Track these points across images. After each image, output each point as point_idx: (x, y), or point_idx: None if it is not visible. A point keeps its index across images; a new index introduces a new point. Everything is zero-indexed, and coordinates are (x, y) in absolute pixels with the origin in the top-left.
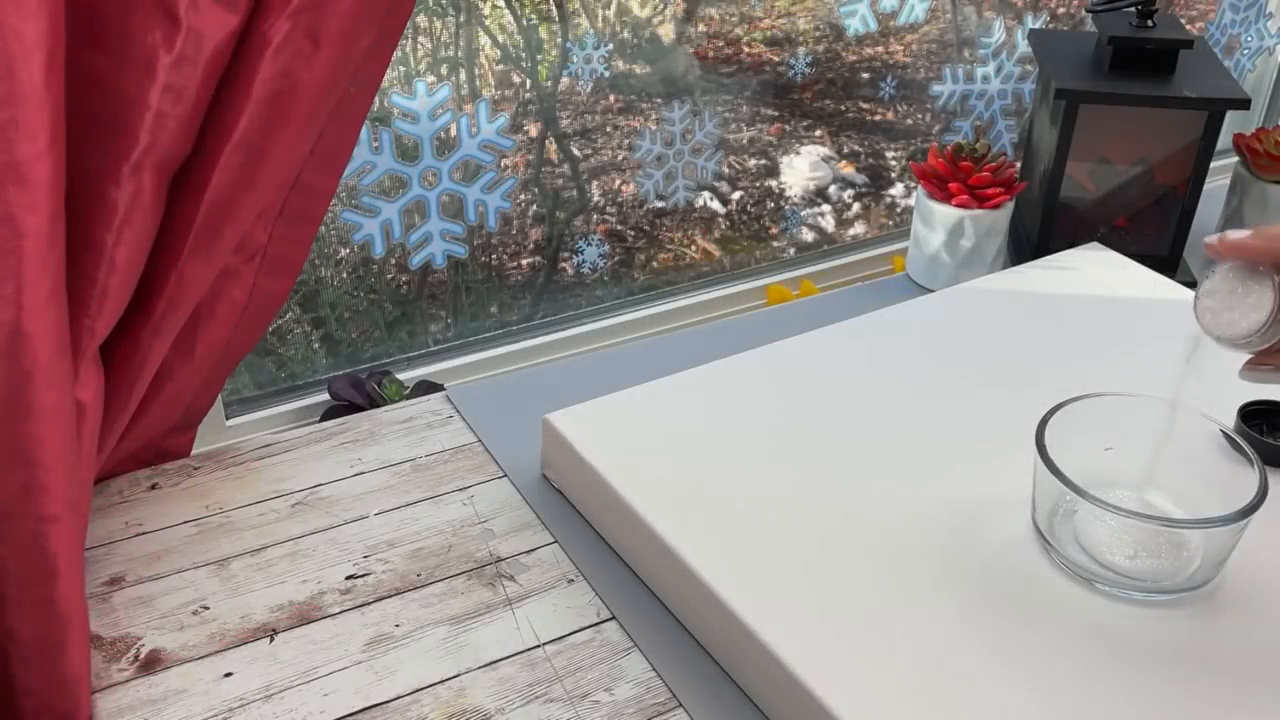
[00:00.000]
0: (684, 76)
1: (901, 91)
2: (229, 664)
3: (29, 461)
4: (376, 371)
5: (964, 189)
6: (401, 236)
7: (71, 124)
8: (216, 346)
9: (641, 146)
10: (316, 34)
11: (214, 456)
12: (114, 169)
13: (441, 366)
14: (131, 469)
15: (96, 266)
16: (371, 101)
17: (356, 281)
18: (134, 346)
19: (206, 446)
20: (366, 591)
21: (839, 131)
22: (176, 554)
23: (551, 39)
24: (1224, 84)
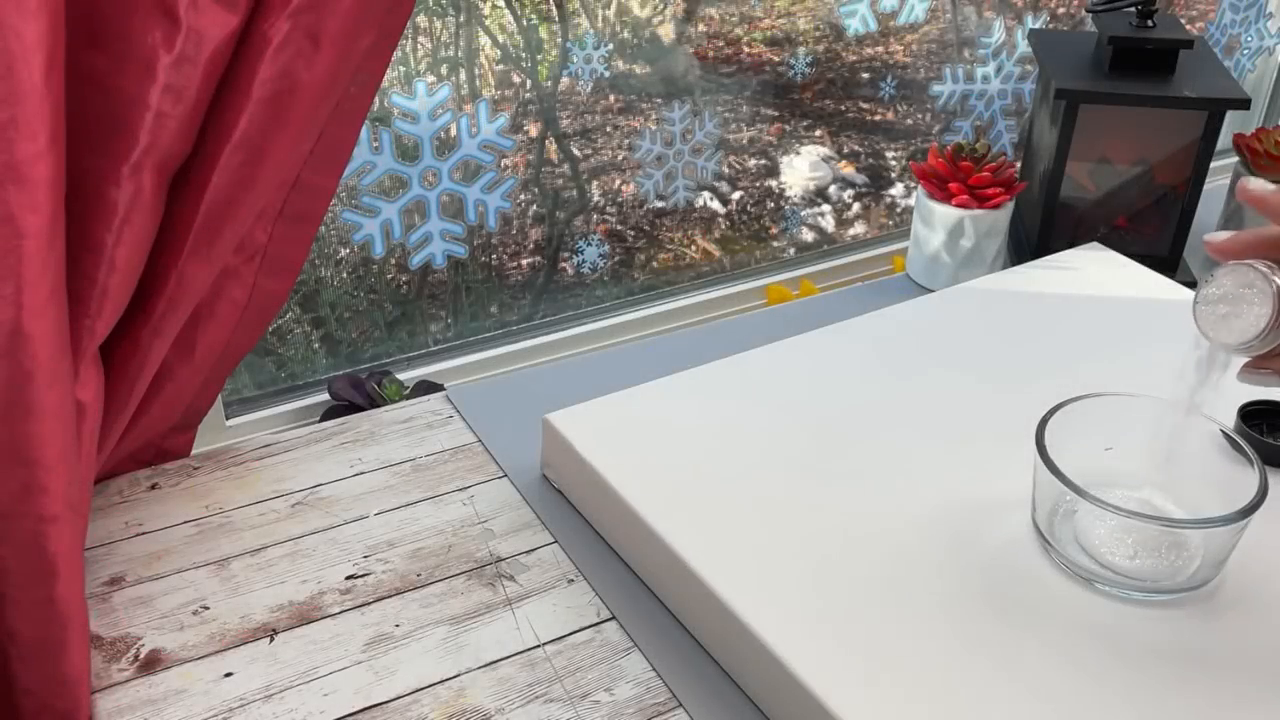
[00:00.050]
0: (684, 76)
1: (901, 91)
2: (229, 664)
3: (29, 461)
4: (376, 371)
5: (964, 189)
6: (401, 236)
7: (71, 124)
8: (216, 346)
9: (641, 146)
10: (316, 34)
11: (214, 456)
12: (114, 169)
13: (441, 366)
14: (131, 469)
15: (96, 266)
16: (371, 101)
17: (356, 281)
18: (134, 346)
19: (206, 446)
20: (366, 591)
21: (839, 131)
22: (176, 554)
23: (551, 39)
24: (1224, 84)
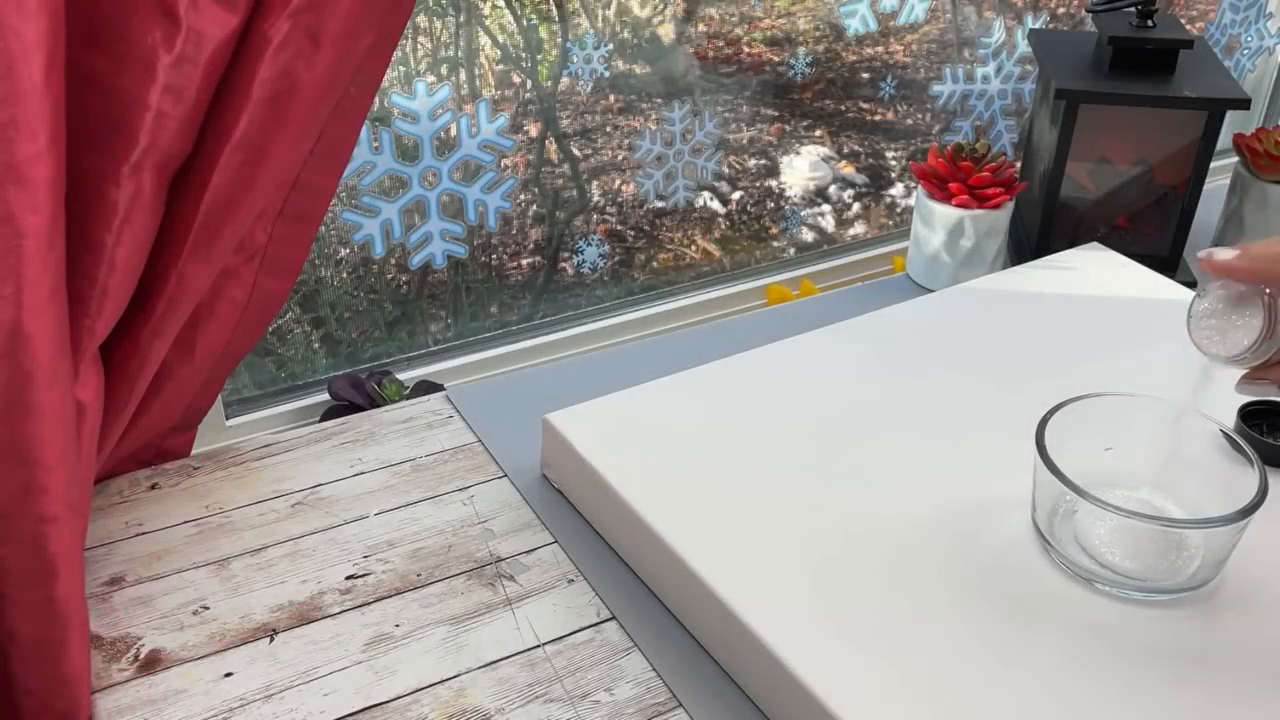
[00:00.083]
0: (684, 76)
1: (901, 91)
2: (229, 664)
3: (29, 461)
4: (376, 371)
5: (964, 189)
6: (401, 236)
7: (71, 124)
8: (216, 346)
9: (641, 146)
10: (316, 34)
11: (214, 456)
12: (114, 169)
13: (441, 366)
14: (131, 469)
15: (96, 266)
16: (371, 101)
17: (356, 281)
18: (134, 346)
19: (206, 446)
20: (366, 591)
21: (839, 131)
22: (176, 554)
23: (551, 39)
24: (1224, 84)
